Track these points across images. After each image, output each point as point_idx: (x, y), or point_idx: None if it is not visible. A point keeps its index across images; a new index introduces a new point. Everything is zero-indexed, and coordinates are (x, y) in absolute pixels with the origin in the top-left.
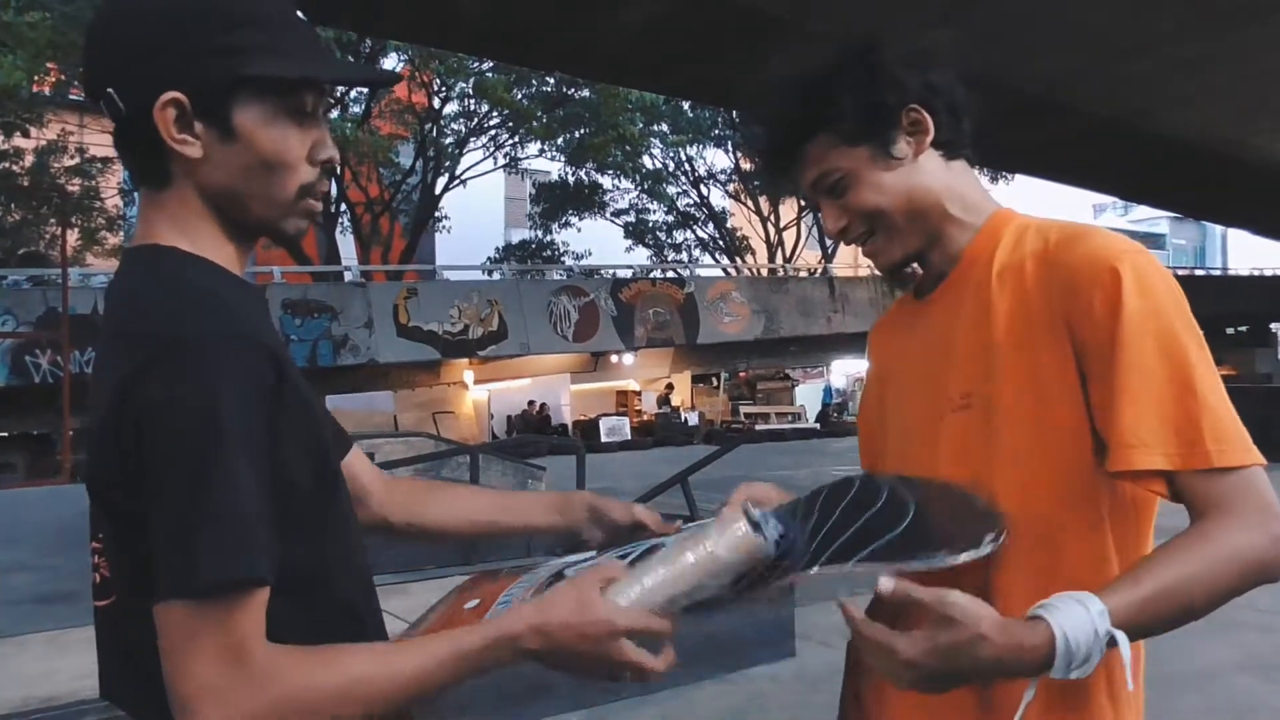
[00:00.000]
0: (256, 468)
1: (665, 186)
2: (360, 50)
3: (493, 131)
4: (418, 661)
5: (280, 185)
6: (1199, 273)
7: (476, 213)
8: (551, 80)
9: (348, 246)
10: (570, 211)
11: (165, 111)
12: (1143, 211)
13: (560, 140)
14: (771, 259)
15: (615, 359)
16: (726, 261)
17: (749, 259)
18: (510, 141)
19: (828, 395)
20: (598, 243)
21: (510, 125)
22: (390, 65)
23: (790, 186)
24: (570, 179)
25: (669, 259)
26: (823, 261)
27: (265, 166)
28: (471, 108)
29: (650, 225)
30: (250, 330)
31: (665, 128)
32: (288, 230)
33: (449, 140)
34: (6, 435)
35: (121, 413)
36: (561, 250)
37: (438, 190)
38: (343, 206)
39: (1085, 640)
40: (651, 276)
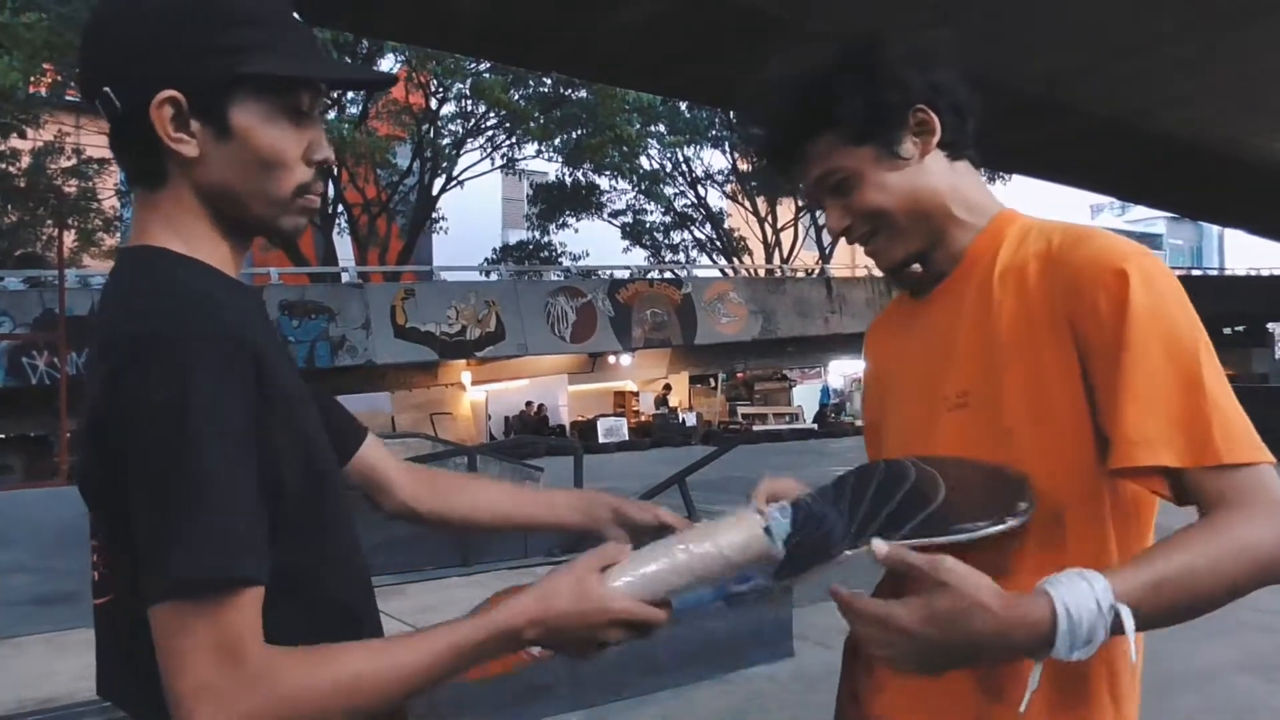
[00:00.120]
0: (237, 465)
1: (662, 187)
2: (357, 51)
3: (490, 132)
4: (416, 656)
5: (276, 184)
6: (1196, 273)
7: (474, 214)
8: (549, 81)
9: (345, 248)
10: (567, 212)
11: (162, 110)
12: (1139, 212)
13: (557, 141)
14: (769, 259)
15: (613, 360)
16: (724, 262)
17: (746, 260)
18: (507, 142)
19: (825, 396)
20: (595, 243)
21: (507, 126)
22: (387, 66)
23: (792, 185)
24: (567, 180)
25: (666, 260)
26: (820, 262)
27: (261, 165)
28: (469, 108)
29: (647, 226)
30: (229, 328)
31: (663, 128)
32: (285, 228)
33: (446, 141)
34: (4, 437)
35: (105, 413)
36: (559, 251)
37: (435, 191)
38: (340, 208)
39: (1088, 614)
40: (649, 277)
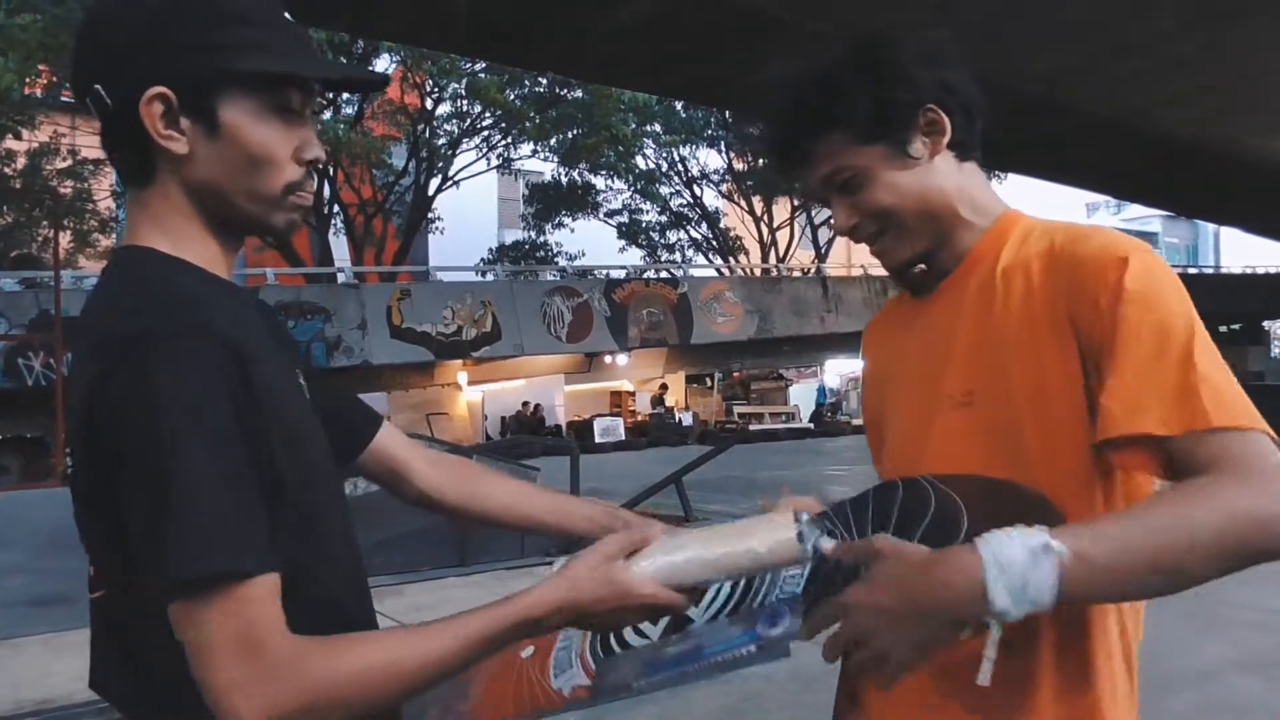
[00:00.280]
0: (226, 462)
1: (658, 187)
2: (353, 52)
3: (485, 132)
4: (444, 643)
5: (266, 182)
6: (1191, 271)
7: (470, 214)
8: (544, 81)
9: (341, 248)
10: (563, 212)
11: (151, 106)
12: (1135, 210)
13: (553, 141)
14: (765, 259)
15: (609, 360)
16: (720, 262)
17: (742, 259)
18: (503, 142)
19: (821, 395)
20: (591, 243)
21: (503, 126)
22: (383, 66)
23: (789, 184)
24: (563, 179)
25: (662, 259)
26: (816, 261)
27: (251, 163)
28: (464, 108)
29: (643, 225)
30: (211, 326)
31: (658, 128)
32: (277, 225)
33: (442, 141)
34: (0, 438)
35: (93, 414)
36: (555, 251)
37: (431, 191)
38: (336, 208)
39: (1018, 557)
40: (645, 277)
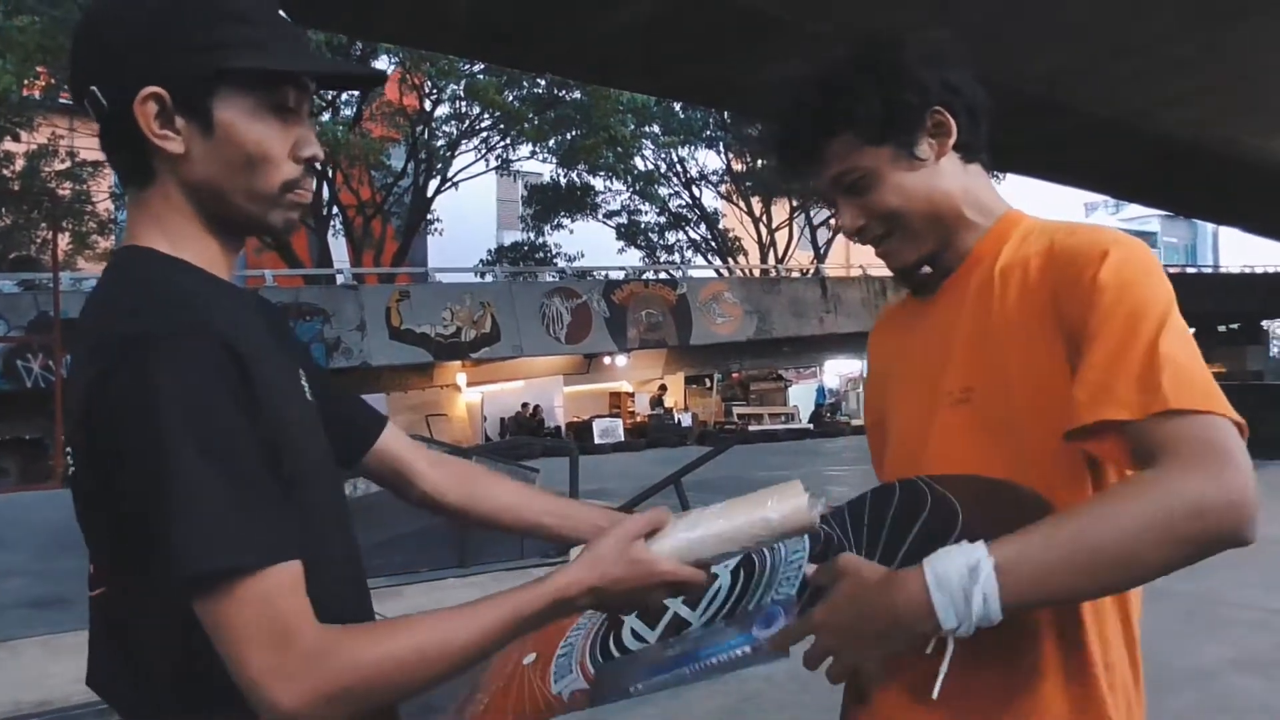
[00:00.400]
0: (229, 459)
1: (657, 188)
2: (351, 54)
3: (484, 134)
4: (477, 626)
5: (262, 180)
6: (1190, 271)
7: (468, 215)
8: (542, 82)
9: (340, 249)
10: (562, 213)
11: (146, 106)
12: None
13: (552, 142)
14: (764, 259)
15: (608, 360)
16: (719, 262)
17: (741, 260)
18: (502, 143)
19: (821, 396)
20: (590, 244)
21: (502, 127)
22: (381, 68)
23: (788, 185)
24: (562, 181)
25: (661, 260)
26: (815, 262)
27: (247, 161)
28: (463, 110)
29: (642, 226)
30: (209, 326)
31: (657, 129)
32: (274, 223)
33: (440, 142)
34: None
35: (93, 415)
36: (554, 252)
37: (429, 193)
38: (334, 209)
39: (957, 575)
40: (644, 278)
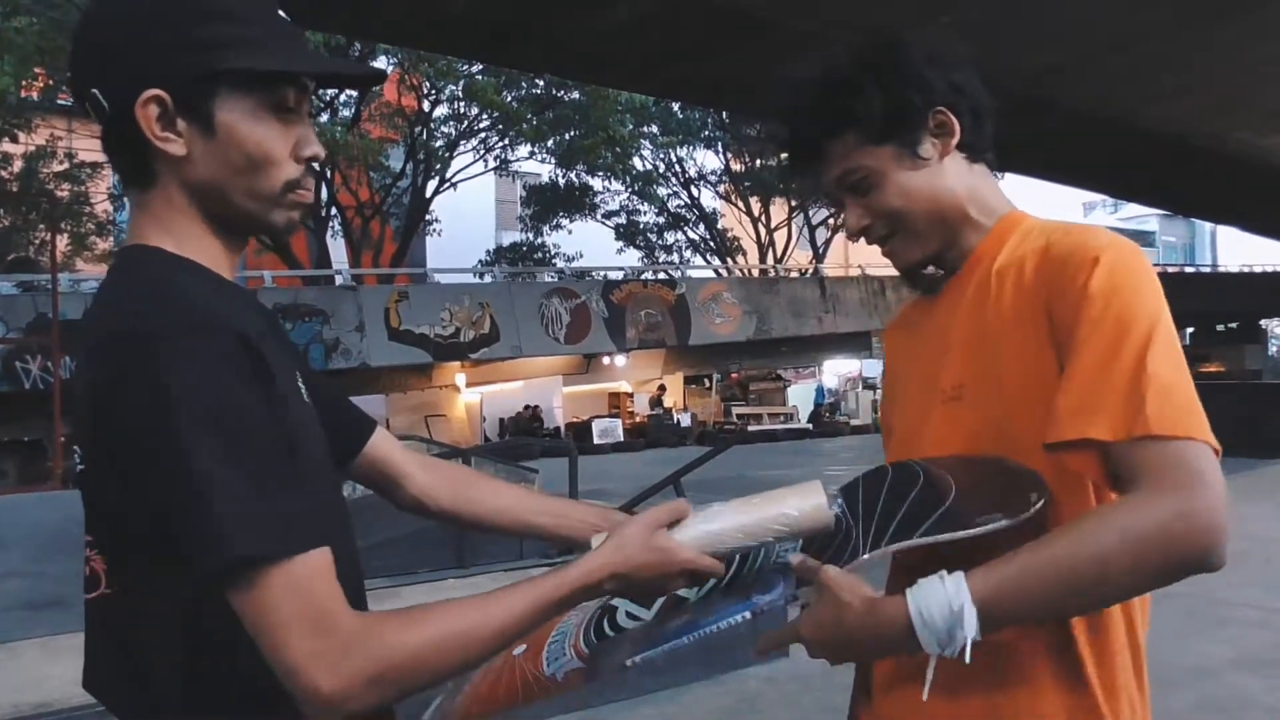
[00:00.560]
0: (252, 446)
1: (656, 188)
2: (349, 54)
3: (483, 134)
4: (509, 610)
5: (264, 181)
6: (1189, 270)
7: (467, 216)
8: (541, 83)
9: (338, 250)
10: (561, 213)
11: (147, 109)
12: (1132, 209)
13: (550, 142)
14: (762, 259)
15: (607, 361)
16: (718, 262)
17: (740, 260)
18: (500, 144)
19: (820, 395)
20: (589, 245)
21: (500, 128)
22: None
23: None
24: (560, 181)
25: (660, 260)
26: (813, 262)
27: (249, 162)
28: (461, 110)
29: (641, 227)
30: (221, 320)
31: (655, 129)
32: (277, 223)
33: (439, 143)
34: None
35: (100, 416)
36: (552, 252)
37: (428, 193)
38: (333, 210)
39: (941, 616)
40: (643, 278)
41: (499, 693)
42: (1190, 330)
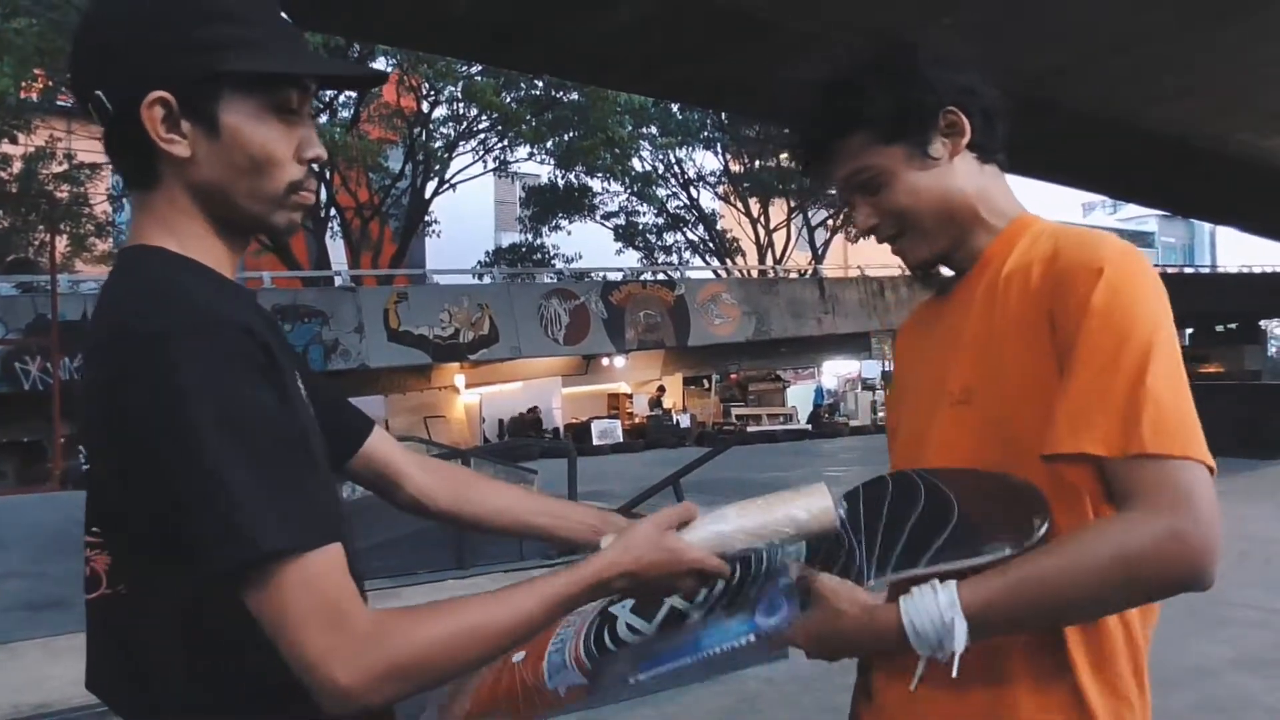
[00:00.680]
0: (266, 442)
1: (655, 189)
2: (348, 56)
3: (482, 135)
4: (523, 606)
5: (268, 182)
6: (1188, 271)
7: (466, 216)
8: (540, 84)
9: (337, 251)
10: (560, 214)
11: (152, 110)
12: (1131, 210)
13: (549, 143)
14: (761, 260)
15: (606, 362)
16: (717, 263)
17: (739, 260)
18: (499, 145)
19: (819, 396)
20: (588, 245)
21: (499, 129)
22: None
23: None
24: (560, 182)
25: (659, 261)
26: (812, 263)
27: (252, 163)
28: (460, 111)
29: (640, 228)
30: (226, 316)
31: (654, 130)
32: (279, 224)
33: (438, 144)
34: None
35: (108, 416)
36: (551, 253)
37: (427, 194)
38: (332, 211)
39: (932, 626)
40: (642, 279)
41: (498, 697)
42: (1189, 331)
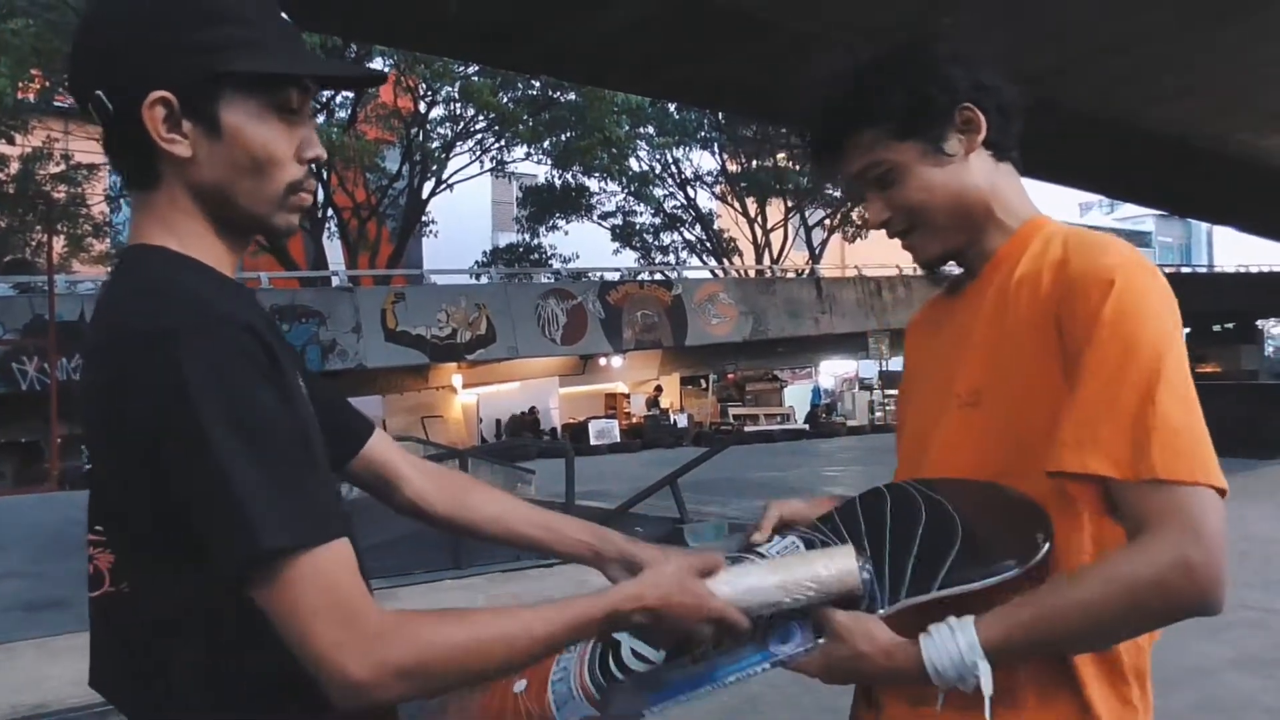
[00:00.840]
0: (273, 439)
1: (652, 189)
2: (346, 57)
3: (479, 135)
4: (540, 624)
5: (268, 182)
6: (1185, 270)
7: (463, 217)
8: (537, 84)
9: (335, 252)
10: (557, 214)
11: (154, 110)
12: (1129, 209)
13: (546, 143)
14: (759, 260)
15: (604, 362)
16: (714, 263)
17: (736, 260)
18: (496, 145)
19: (816, 396)
20: (585, 245)
21: (496, 129)
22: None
23: (783, 185)
24: (557, 182)
25: (656, 261)
26: (810, 263)
27: (253, 163)
28: (458, 112)
29: (637, 227)
30: (229, 315)
31: (651, 130)
32: (278, 226)
33: (435, 144)
34: None
35: (111, 413)
36: (549, 253)
37: (425, 194)
38: (330, 212)
39: (953, 668)
40: (639, 279)
41: None
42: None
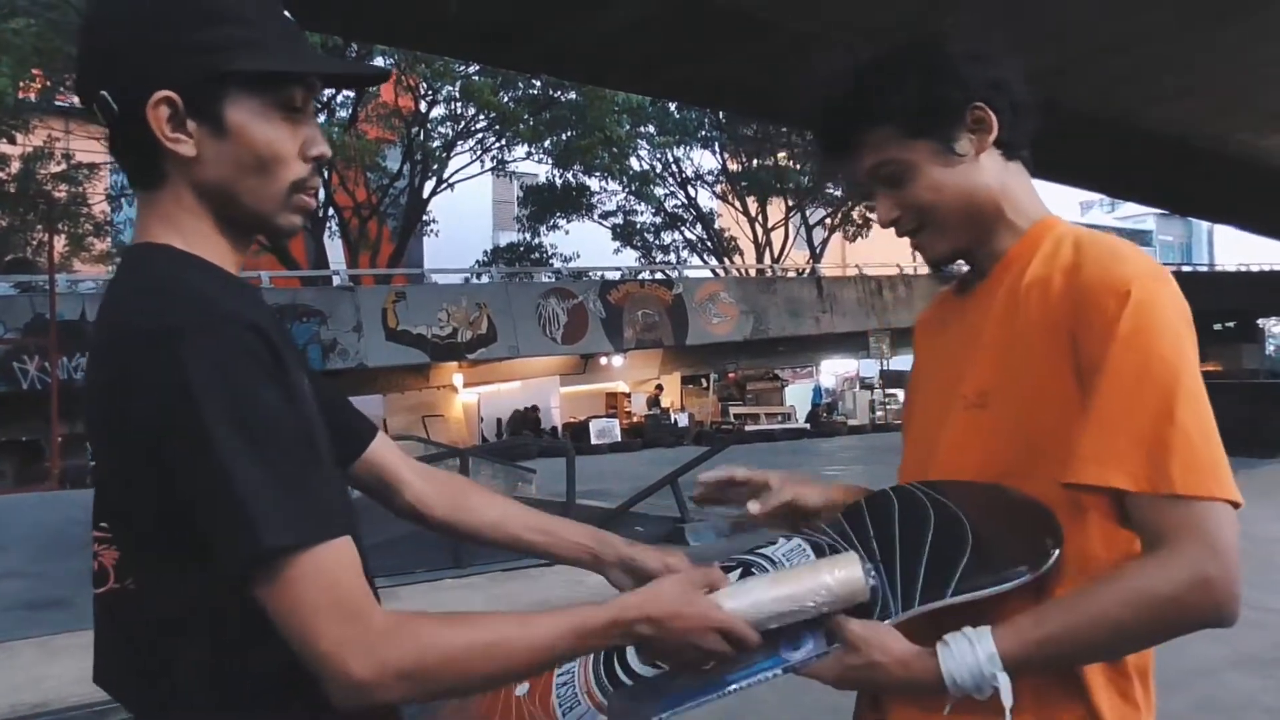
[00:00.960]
0: (275, 437)
1: (652, 188)
2: (346, 56)
3: (480, 135)
4: (547, 632)
5: (273, 181)
6: (1186, 269)
7: (464, 216)
8: (538, 83)
9: (336, 251)
10: (558, 214)
11: (158, 110)
12: (1129, 208)
13: (547, 143)
14: (759, 259)
15: (604, 361)
16: (715, 262)
17: (737, 260)
18: (497, 144)
19: (817, 395)
20: (586, 245)
21: (497, 128)
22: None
23: (784, 184)
24: (557, 181)
25: (657, 260)
26: (810, 262)
27: (258, 162)
28: (458, 111)
29: (638, 227)
30: (234, 313)
31: (652, 129)
32: (282, 225)
33: (436, 144)
34: None
35: (115, 411)
36: (549, 253)
37: (425, 194)
38: (330, 211)
39: (971, 680)
40: (640, 278)
41: None
42: None
